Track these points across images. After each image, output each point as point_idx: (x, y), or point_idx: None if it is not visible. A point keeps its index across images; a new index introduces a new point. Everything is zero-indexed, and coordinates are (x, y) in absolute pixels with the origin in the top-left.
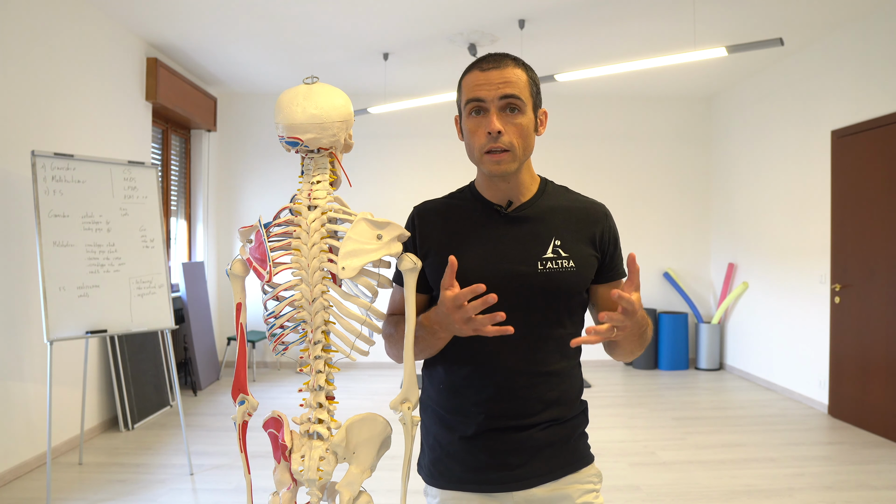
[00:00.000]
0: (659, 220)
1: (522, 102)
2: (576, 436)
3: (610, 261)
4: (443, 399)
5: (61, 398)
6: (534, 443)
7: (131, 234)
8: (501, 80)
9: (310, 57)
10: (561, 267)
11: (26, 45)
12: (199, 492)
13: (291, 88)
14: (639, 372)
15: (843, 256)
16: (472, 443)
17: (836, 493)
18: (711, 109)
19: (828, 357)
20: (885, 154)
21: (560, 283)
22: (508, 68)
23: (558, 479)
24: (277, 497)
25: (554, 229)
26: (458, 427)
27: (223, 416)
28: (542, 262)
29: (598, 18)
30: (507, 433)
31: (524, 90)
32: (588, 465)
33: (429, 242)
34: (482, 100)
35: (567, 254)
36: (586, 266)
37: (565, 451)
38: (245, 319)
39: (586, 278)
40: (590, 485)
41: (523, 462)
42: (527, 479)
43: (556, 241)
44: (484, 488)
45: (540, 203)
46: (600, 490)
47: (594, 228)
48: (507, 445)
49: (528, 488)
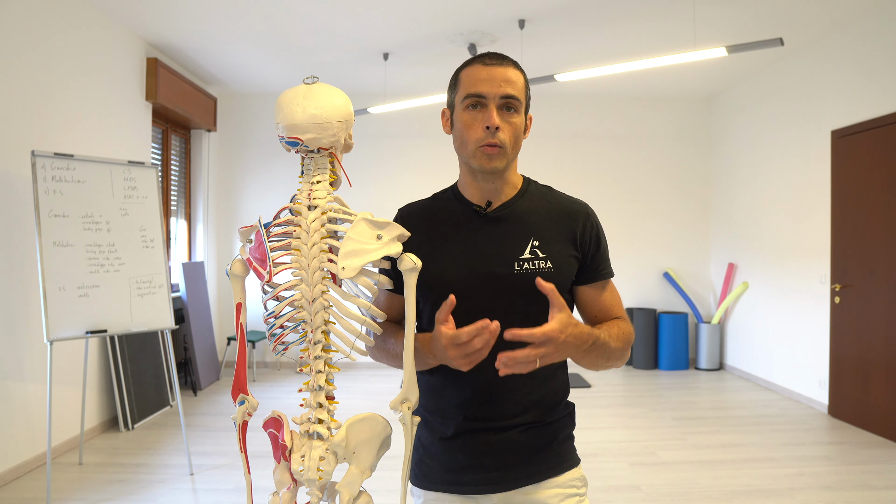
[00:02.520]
0: (659, 220)
1: (519, 103)
2: (559, 439)
3: (592, 261)
4: (424, 400)
5: (61, 398)
6: (512, 445)
7: (131, 234)
8: (504, 78)
9: (310, 57)
10: (538, 268)
11: (26, 46)
12: (199, 492)
13: (291, 88)
14: (639, 372)
15: (843, 256)
16: (452, 444)
17: (836, 493)
18: (711, 109)
19: (828, 357)
20: (885, 154)
21: (534, 284)
22: (511, 68)
23: (538, 483)
24: (277, 497)
25: (532, 230)
26: (438, 428)
27: (223, 416)
28: (519, 263)
29: (598, 18)
30: (485, 434)
31: (522, 92)
32: (572, 468)
33: (410, 243)
34: (483, 95)
35: (545, 254)
36: (565, 267)
37: (546, 454)
38: (245, 319)
39: (565, 279)
40: (572, 489)
41: (501, 464)
42: (504, 482)
43: (535, 242)
44: (463, 490)
45: (520, 203)
46: (585, 494)
47: (574, 228)
48: (485, 447)
49: (506, 491)
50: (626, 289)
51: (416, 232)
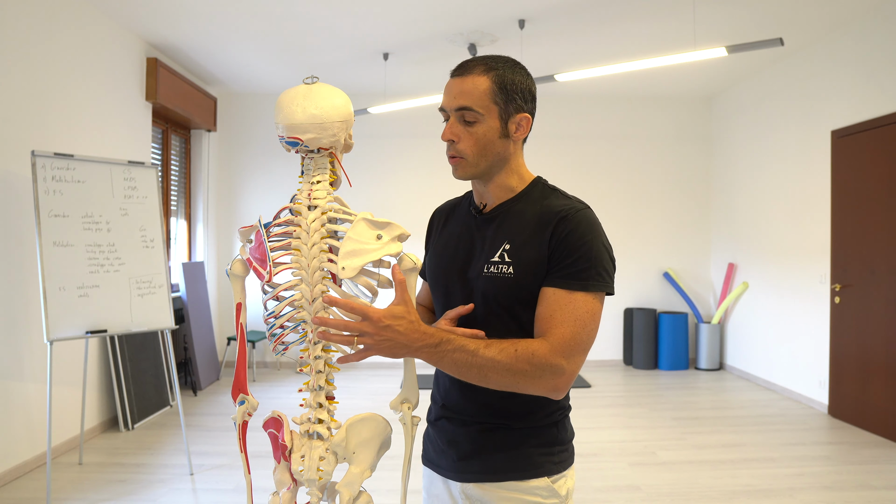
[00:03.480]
0: (659, 220)
1: (478, 113)
2: (530, 445)
3: (556, 265)
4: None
5: (61, 398)
6: (476, 440)
7: (131, 234)
8: (458, 90)
9: (310, 57)
10: (500, 272)
11: (26, 46)
12: (199, 492)
13: (291, 88)
14: (639, 372)
15: (843, 256)
16: (434, 427)
17: (836, 493)
18: (711, 109)
19: (828, 357)
20: (885, 154)
21: (495, 289)
22: (470, 76)
23: (498, 482)
24: (277, 497)
25: (509, 234)
26: (431, 410)
27: (223, 416)
28: (487, 267)
29: (598, 18)
30: (453, 423)
31: (480, 100)
32: (538, 477)
33: (431, 240)
34: (444, 108)
35: (511, 259)
36: (529, 273)
37: (511, 457)
38: (245, 319)
39: (526, 286)
40: (537, 498)
41: (463, 455)
42: (463, 472)
43: (506, 246)
44: (439, 471)
45: (511, 206)
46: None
47: (545, 232)
48: (452, 436)
49: (464, 481)
50: (626, 289)
51: (437, 229)
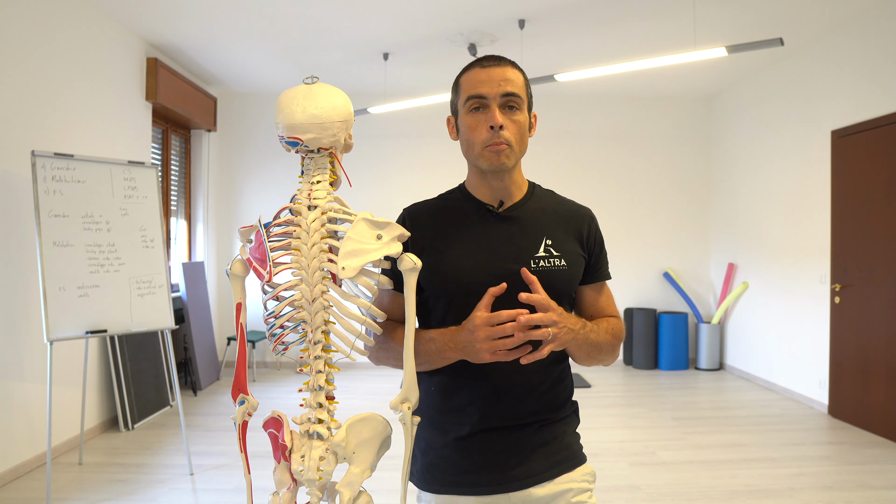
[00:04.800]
0: (659, 220)
1: (521, 101)
2: (568, 435)
3: (595, 261)
4: (435, 401)
5: (61, 398)
6: (528, 442)
7: (131, 234)
8: (503, 77)
9: (310, 57)
10: (553, 265)
11: (27, 46)
12: (199, 492)
13: (291, 88)
14: (639, 372)
15: (843, 256)
16: (467, 443)
17: (836, 493)
18: (711, 109)
19: (828, 357)
20: (885, 154)
21: (553, 281)
22: (509, 67)
23: (554, 479)
24: (277, 497)
25: (544, 229)
26: (452, 428)
27: (223, 416)
28: (534, 261)
29: (598, 18)
30: (501, 433)
31: (522, 90)
32: (582, 464)
33: (421, 242)
34: (484, 96)
35: (558, 252)
36: (576, 265)
37: (559, 449)
38: (245, 319)
39: (576, 277)
40: (585, 484)
41: (519, 462)
42: (524, 478)
43: (548, 241)
44: (479, 490)
45: (529, 204)
46: (594, 490)
47: (581, 229)
48: (502, 445)
49: (526, 488)
50: (626, 289)
51: (424, 230)
